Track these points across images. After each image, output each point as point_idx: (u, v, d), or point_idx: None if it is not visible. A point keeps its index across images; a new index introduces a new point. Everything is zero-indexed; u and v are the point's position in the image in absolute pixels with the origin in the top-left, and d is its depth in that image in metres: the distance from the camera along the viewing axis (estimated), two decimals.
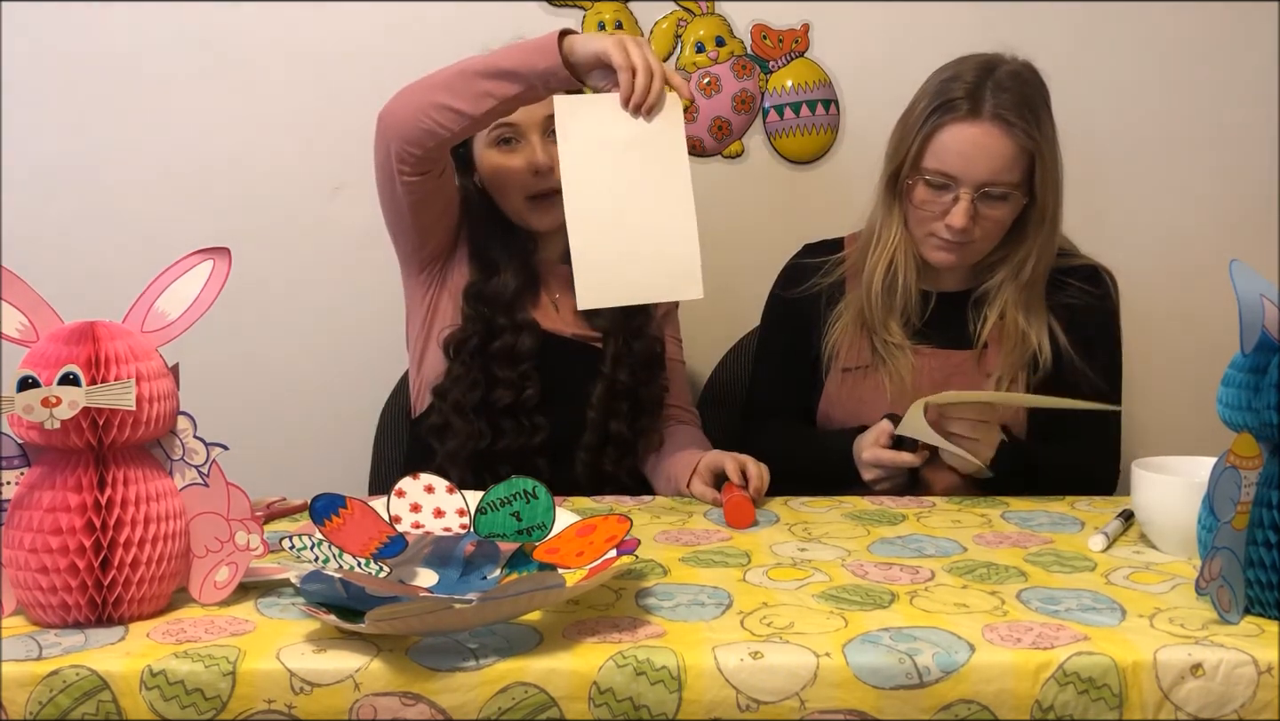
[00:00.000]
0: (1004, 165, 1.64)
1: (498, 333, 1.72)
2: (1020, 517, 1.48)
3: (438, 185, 1.67)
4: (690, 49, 2.23)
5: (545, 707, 0.99)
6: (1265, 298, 1.08)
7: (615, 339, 1.78)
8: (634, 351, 1.79)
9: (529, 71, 1.50)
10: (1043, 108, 1.68)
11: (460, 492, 1.28)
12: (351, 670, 0.99)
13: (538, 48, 1.50)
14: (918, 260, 1.75)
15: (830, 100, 2.25)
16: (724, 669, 0.99)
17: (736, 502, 1.46)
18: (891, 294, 1.75)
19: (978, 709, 0.99)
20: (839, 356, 1.78)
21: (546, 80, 1.51)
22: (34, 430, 1.06)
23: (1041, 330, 1.72)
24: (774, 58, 2.24)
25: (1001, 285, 1.74)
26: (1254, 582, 1.09)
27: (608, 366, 1.77)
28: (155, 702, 0.98)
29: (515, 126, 1.71)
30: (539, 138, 1.71)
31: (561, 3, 2.21)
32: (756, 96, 2.25)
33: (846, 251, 1.84)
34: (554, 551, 1.18)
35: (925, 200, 1.68)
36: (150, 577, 1.10)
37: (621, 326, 1.78)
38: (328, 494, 1.17)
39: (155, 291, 1.14)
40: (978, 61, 1.68)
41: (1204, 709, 1.00)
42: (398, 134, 1.59)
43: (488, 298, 1.74)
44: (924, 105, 1.68)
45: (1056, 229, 1.73)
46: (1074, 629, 1.06)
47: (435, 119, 1.55)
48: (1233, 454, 1.07)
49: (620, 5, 2.21)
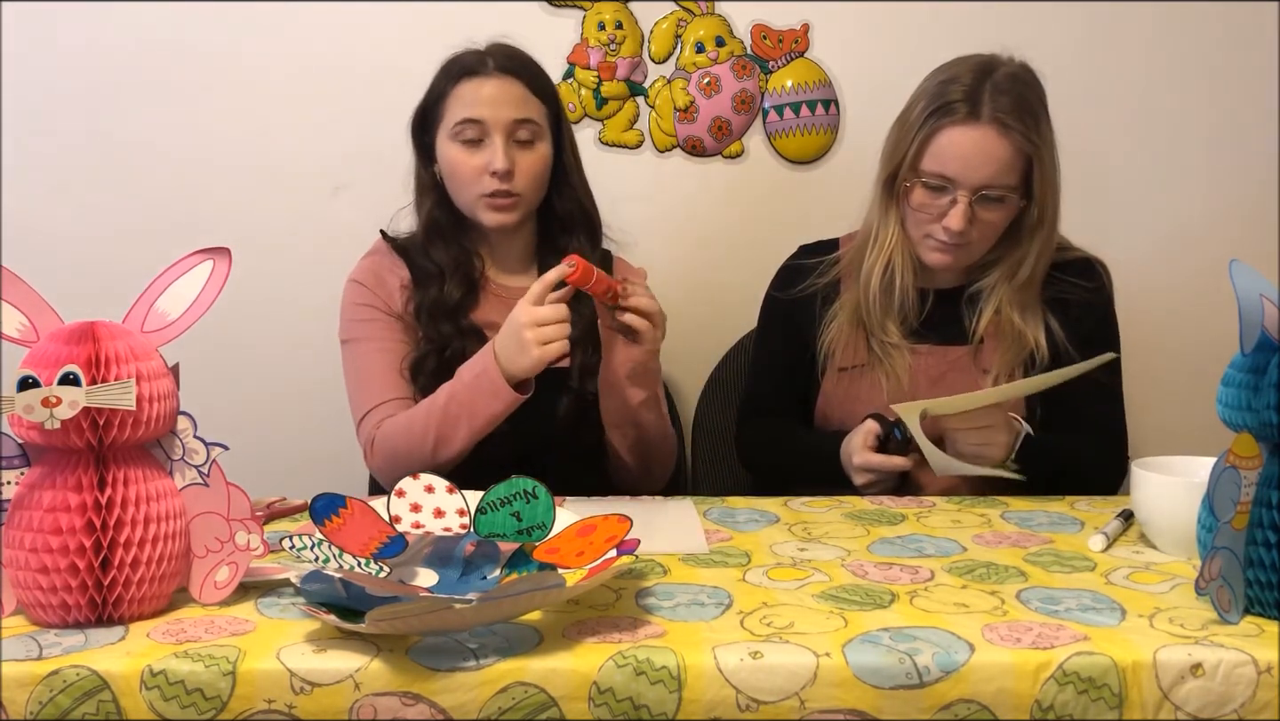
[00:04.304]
0: (1002, 168, 1.64)
1: (448, 341, 1.70)
2: (1020, 517, 1.48)
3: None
4: (690, 49, 2.23)
5: (545, 707, 0.99)
6: (1265, 297, 1.08)
7: (583, 349, 1.71)
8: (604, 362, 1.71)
9: (499, 412, 1.55)
10: (1041, 110, 1.68)
11: (460, 492, 1.28)
12: (351, 670, 0.99)
13: (492, 393, 1.54)
14: (914, 260, 1.75)
15: (830, 100, 2.25)
16: (724, 668, 0.99)
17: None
18: (889, 295, 1.75)
19: (977, 709, 0.99)
20: (835, 356, 1.78)
21: (510, 404, 1.54)
22: (34, 430, 1.06)
23: (1038, 328, 1.73)
24: (774, 58, 2.24)
25: (997, 284, 1.74)
26: (1254, 582, 1.09)
27: (575, 379, 1.72)
28: (155, 702, 0.98)
29: (481, 125, 1.69)
30: (503, 140, 1.68)
31: (561, 3, 2.21)
32: (756, 96, 2.25)
33: (841, 251, 1.84)
34: (554, 551, 1.18)
35: (923, 203, 1.68)
36: (150, 577, 1.10)
37: (590, 335, 1.71)
38: (328, 494, 1.17)
39: (155, 291, 1.14)
40: (975, 63, 1.68)
41: (1204, 709, 1.00)
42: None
43: (432, 309, 1.71)
44: (921, 107, 1.68)
45: (1054, 231, 1.73)
46: (1074, 629, 1.06)
47: (439, 460, 1.58)
48: (1232, 454, 1.07)
49: (620, 5, 2.21)
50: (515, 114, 1.69)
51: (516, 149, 1.69)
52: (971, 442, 1.63)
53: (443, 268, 1.73)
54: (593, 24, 2.20)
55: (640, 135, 2.25)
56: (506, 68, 1.71)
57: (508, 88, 1.70)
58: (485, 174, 1.68)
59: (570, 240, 1.77)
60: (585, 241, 1.77)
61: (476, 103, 1.69)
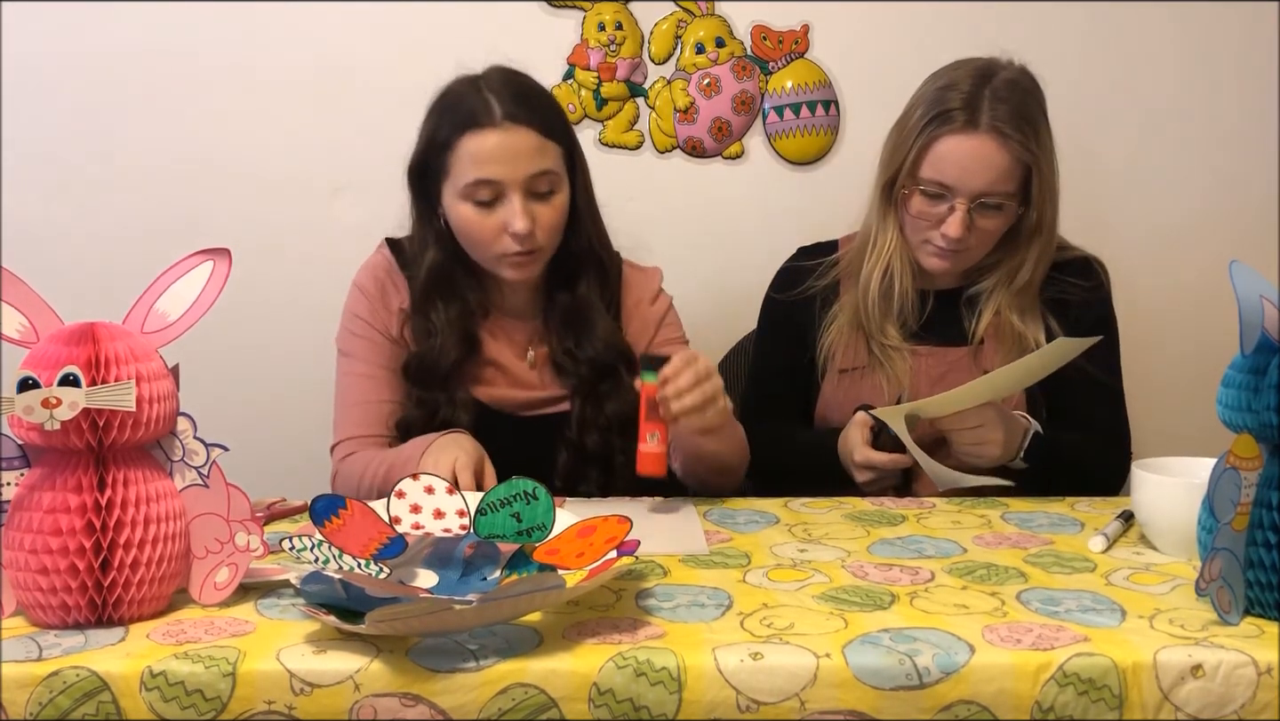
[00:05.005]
0: (1000, 176, 1.64)
1: (437, 407, 1.64)
2: (1020, 518, 1.48)
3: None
4: (690, 50, 2.23)
5: (545, 708, 0.99)
6: (1265, 298, 1.08)
7: (583, 401, 1.66)
8: (605, 414, 1.66)
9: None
10: (1040, 117, 1.68)
11: (460, 493, 1.28)
12: (351, 671, 0.99)
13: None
14: (913, 264, 1.75)
15: (830, 101, 2.25)
16: (724, 669, 0.99)
17: (644, 455, 1.46)
18: (888, 299, 1.75)
19: (977, 709, 0.99)
20: (835, 358, 1.78)
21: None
22: (34, 431, 1.06)
23: (1038, 329, 1.73)
24: (774, 59, 2.24)
25: (996, 288, 1.74)
26: (1254, 583, 1.09)
27: (573, 431, 1.65)
28: (155, 703, 0.98)
29: (496, 185, 1.57)
30: (520, 199, 1.57)
31: (561, 4, 2.21)
32: (756, 97, 2.25)
33: (840, 253, 1.84)
34: (554, 552, 1.18)
35: (921, 209, 1.68)
36: (150, 578, 1.09)
37: (591, 387, 1.66)
38: (327, 495, 1.17)
39: (155, 292, 1.14)
40: (974, 68, 1.68)
41: (1204, 710, 1.00)
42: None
43: (425, 371, 1.65)
44: (920, 114, 1.67)
45: (1053, 236, 1.73)
46: (1074, 630, 1.06)
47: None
48: (1232, 455, 1.07)
49: (620, 6, 2.21)
50: (531, 168, 1.57)
51: (534, 202, 1.59)
52: (967, 442, 1.63)
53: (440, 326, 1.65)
54: (593, 25, 2.20)
55: (640, 136, 2.25)
56: (516, 115, 1.57)
57: (520, 139, 1.57)
58: (504, 234, 1.58)
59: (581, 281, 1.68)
60: (595, 281, 1.69)
61: (489, 161, 1.56)
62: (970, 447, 1.63)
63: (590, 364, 1.66)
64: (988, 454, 1.63)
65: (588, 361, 1.66)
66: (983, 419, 1.62)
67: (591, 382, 1.66)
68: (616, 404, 1.65)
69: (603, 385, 1.67)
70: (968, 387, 1.59)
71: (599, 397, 1.66)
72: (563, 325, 1.69)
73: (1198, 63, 2.27)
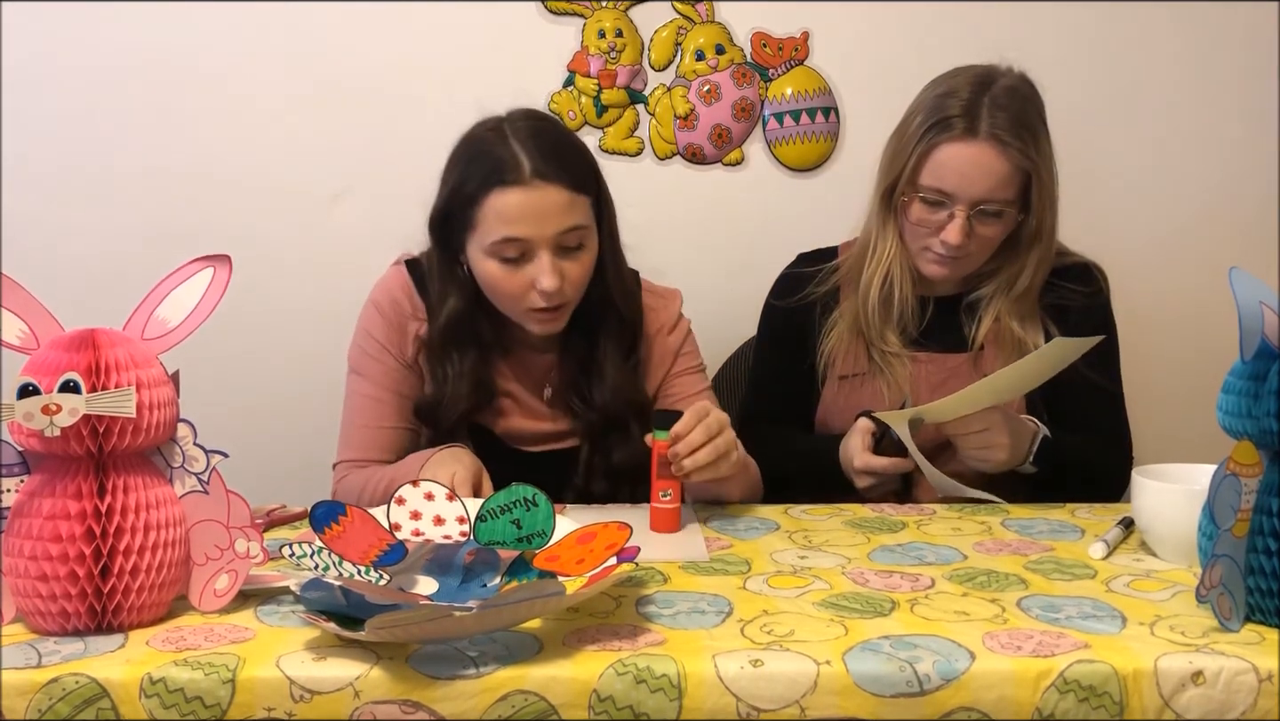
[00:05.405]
0: (999, 183, 1.65)
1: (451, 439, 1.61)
2: (1020, 525, 1.48)
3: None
4: (690, 56, 2.23)
5: (545, 715, 0.99)
6: (1265, 305, 1.08)
7: (591, 447, 1.66)
8: (613, 463, 1.65)
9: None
10: (1039, 124, 1.68)
11: (460, 500, 1.28)
12: (351, 678, 0.99)
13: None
14: (913, 271, 1.75)
15: (830, 108, 2.25)
16: (724, 676, 0.99)
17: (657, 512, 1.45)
18: (888, 306, 1.75)
19: (978, 716, 0.99)
20: (835, 364, 1.78)
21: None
22: (34, 437, 1.06)
23: (1038, 335, 1.73)
24: (774, 65, 2.25)
25: (995, 295, 1.75)
26: (1254, 590, 1.09)
27: (580, 476, 1.66)
28: (155, 710, 0.98)
29: (524, 242, 1.52)
30: (549, 256, 1.53)
31: (561, 10, 2.21)
32: (756, 104, 2.25)
33: (840, 260, 1.84)
34: (554, 559, 1.18)
35: (921, 217, 1.69)
36: (150, 585, 1.09)
37: (599, 433, 1.65)
38: (327, 501, 1.17)
39: (156, 299, 1.14)
40: (973, 76, 1.68)
41: (1205, 716, 1.00)
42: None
43: (434, 415, 1.64)
44: (919, 121, 1.67)
45: (1052, 243, 1.73)
46: (1074, 636, 1.06)
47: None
48: (1233, 461, 1.07)
49: (620, 13, 2.21)
50: (560, 225, 1.52)
51: (563, 259, 1.55)
52: (973, 446, 1.63)
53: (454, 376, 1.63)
54: (593, 31, 2.21)
55: (640, 143, 2.25)
56: (545, 173, 1.52)
57: (550, 197, 1.52)
58: (531, 290, 1.55)
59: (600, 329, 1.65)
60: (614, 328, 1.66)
61: (517, 220, 1.52)
62: (977, 452, 1.63)
63: (601, 411, 1.65)
64: (995, 458, 1.63)
65: (598, 409, 1.65)
66: (988, 422, 1.62)
67: (600, 429, 1.66)
68: (623, 454, 1.64)
69: (612, 434, 1.65)
70: (969, 391, 1.59)
71: (607, 446, 1.66)
72: (578, 369, 1.67)
73: (1198, 64, 2.27)
